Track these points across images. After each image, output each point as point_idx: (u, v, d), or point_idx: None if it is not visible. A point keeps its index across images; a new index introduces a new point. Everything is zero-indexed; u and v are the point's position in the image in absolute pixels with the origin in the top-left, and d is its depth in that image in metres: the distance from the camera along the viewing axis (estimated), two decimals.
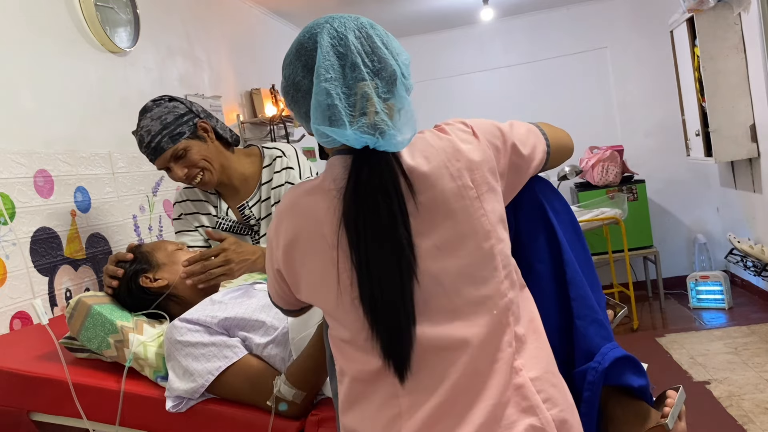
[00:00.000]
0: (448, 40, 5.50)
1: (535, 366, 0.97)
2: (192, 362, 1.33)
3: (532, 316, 1.02)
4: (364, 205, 0.90)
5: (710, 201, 5.06)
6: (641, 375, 1.10)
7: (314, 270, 0.96)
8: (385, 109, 0.91)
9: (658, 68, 5.06)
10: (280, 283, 1.05)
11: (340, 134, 0.90)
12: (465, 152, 0.98)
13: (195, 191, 1.89)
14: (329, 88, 0.90)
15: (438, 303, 0.94)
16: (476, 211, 0.96)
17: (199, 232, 1.88)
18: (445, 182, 0.95)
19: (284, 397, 1.28)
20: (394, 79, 0.93)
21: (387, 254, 0.90)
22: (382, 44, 0.95)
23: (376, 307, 0.91)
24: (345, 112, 0.90)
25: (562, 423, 0.95)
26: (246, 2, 3.91)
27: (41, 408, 1.47)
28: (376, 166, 0.91)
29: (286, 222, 0.98)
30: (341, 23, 0.95)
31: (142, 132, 1.69)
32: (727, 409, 2.78)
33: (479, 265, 0.95)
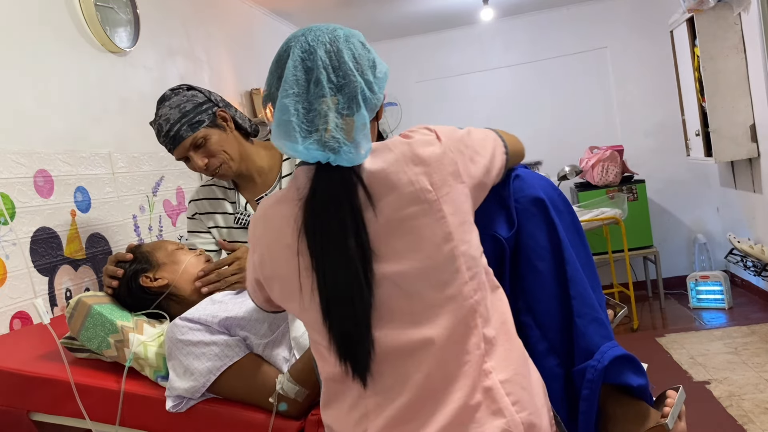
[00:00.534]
0: (448, 40, 5.50)
1: (506, 368, 0.98)
2: (193, 361, 1.33)
3: (505, 318, 1.03)
4: (319, 215, 0.95)
5: (710, 201, 5.06)
6: (641, 374, 1.10)
7: (282, 276, 1.00)
8: (342, 124, 0.94)
9: (658, 68, 5.06)
10: (261, 290, 1.11)
11: (293, 149, 0.95)
12: (424, 156, 0.99)
13: (212, 189, 1.86)
14: (288, 104, 0.95)
15: (399, 306, 0.96)
16: (435, 214, 0.97)
17: (211, 234, 1.84)
18: (404, 186, 0.97)
19: (287, 394, 1.29)
20: (355, 95, 0.95)
21: (339, 262, 0.94)
22: (352, 59, 0.97)
23: (330, 313, 0.95)
24: (299, 128, 0.94)
25: (530, 426, 0.96)
26: (246, 2, 3.91)
27: (41, 408, 1.47)
28: (331, 179, 0.95)
29: (258, 231, 1.04)
30: (315, 36, 0.98)
31: (160, 121, 1.65)
32: (727, 409, 2.78)
33: (440, 268, 0.96)
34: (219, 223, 1.84)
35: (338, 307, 0.94)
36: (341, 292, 0.94)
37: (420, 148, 1.00)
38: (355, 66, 0.97)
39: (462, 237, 0.99)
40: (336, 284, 0.94)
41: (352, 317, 0.94)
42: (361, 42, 1.01)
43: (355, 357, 0.95)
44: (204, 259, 1.59)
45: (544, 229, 1.14)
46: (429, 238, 0.96)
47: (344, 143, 0.93)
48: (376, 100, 0.99)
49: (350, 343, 0.94)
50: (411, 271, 0.96)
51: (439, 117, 5.45)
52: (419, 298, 0.96)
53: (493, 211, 1.16)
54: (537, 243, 1.14)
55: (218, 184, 1.86)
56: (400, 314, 0.96)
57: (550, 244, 1.13)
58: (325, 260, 0.94)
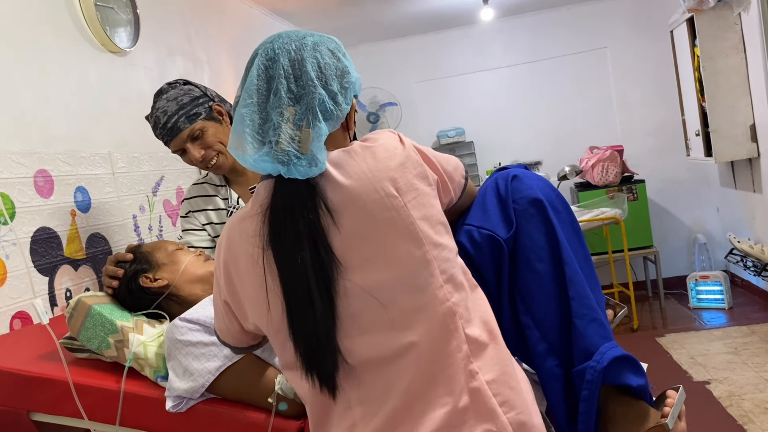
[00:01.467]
0: (448, 40, 5.50)
1: (492, 368, 0.97)
2: (192, 361, 1.33)
3: (486, 317, 1.02)
4: (277, 228, 0.93)
5: (710, 201, 5.06)
6: (640, 374, 1.10)
7: (251, 292, 0.98)
8: (298, 136, 0.92)
9: (658, 68, 5.06)
10: (228, 316, 1.08)
11: (243, 159, 0.94)
12: (387, 161, 0.97)
13: (204, 187, 1.89)
14: (245, 114, 0.94)
15: (375, 315, 0.95)
16: (404, 220, 0.95)
17: (206, 231, 1.87)
18: (369, 194, 0.95)
19: (285, 394, 1.29)
20: (312, 107, 0.93)
21: (296, 275, 0.93)
22: (315, 68, 0.95)
23: (293, 327, 0.94)
24: (252, 138, 0.93)
25: (520, 426, 0.95)
26: (246, 2, 3.91)
27: (41, 408, 1.47)
28: (287, 191, 0.93)
29: (224, 250, 1.02)
30: (282, 44, 0.97)
31: (157, 113, 1.68)
32: (727, 409, 2.78)
33: (413, 274, 0.95)
34: (213, 220, 1.86)
35: (300, 320, 0.93)
36: (301, 305, 0.93)
37: (382, 153, 0.98)
38: (318, 76, 0.95)
39: (433, 240, 0.97)
40: (296, 297, 0.93)
41: (313, 330, 0.93)
42: (330, 50, 0.99)
43: (319, 370, 0.94)
44: (204, 260, 1.59)
45: (543, 230, 1.14)
46: (399, 245, 0.95)
47: (296, 156, 0.91)
48: (339, 111, 0.97)
49: (314, 356, 0.94)
50: (384, 280, 0.94)
51: (439, 117, 5.46)
52: (395, 306, 0.95)
53: (491, 211, 1.16)
54: (536, 244, 1.14)
55: (210, 182, 1.89)
56: (376, 323, 0.95)
57: (548, 245, 1.13)
58: (285, 274, 0.93)
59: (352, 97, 1.00)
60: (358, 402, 0.95)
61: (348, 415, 0.96)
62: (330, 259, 0.93)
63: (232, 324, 1.08)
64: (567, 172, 4.69)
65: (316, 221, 0.93)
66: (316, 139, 0.93)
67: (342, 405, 0.97)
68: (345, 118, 1.00)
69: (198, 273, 1.54)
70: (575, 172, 4.70)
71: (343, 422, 0.96)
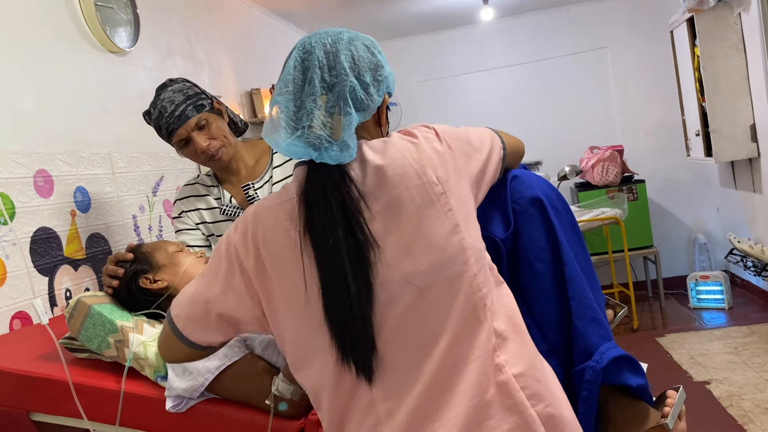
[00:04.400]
0: (448, 40, 5.50)
1: (519, 362, 0.97)
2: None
3: (511, 312, 1.02)
4: (312, 212, 0.95)
5: (710, 201, 5.06)
6: (640, 374, 1.10)
7: (287, 275, 0.97)
8: (330, 123, 0.96)
9: (658, 68, 5.06)
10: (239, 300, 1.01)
11: (276, 145, 0.97)
12: (429, 151, 1.01)
13: (196, 187, 1.89)
14: (279, 101, 0.98)
15: (409, 301, 0.95)
16: (443, 207, 0.97)
17: (200, 230, 1.87)
18: (411, 180, 0.97)
19: (283, 394, 1.28)
20: (343, 94, 0.97)
21: (332, 255, 0.93)
22: (349, 59, 0.99)
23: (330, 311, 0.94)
24: (286, 124, 0.96)
25: (548, 418, 0.95)
26: (246, 2, 3.91)
27: (41, 408, 1.47)
28: (320, 176, 0.95)
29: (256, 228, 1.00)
30: (319, 38, 1.01)
31: (163, 103, 1.69)
32: (727, 409, 2.78)
33: (451, 261, 0.96)
34: (205, 219, 1.87)
35: (336, 302, 0.93)
36: (337, 287, 0.93)
37: (424, 143, 1.02)
38: (351, 66, 0.98)
39: (468, 230, 0.99)
40: (331, 279, 0.93)
41: (350, 312, 0.93)
42: (365, 45, 1.02)
43: (356, 353, 0.93)
44: (204, 261, 1.59)
45: (543, 230, 1.14)
46: (438, 230, 0.96)
47: (327, 141, 0.95)
48: (370, 102, 0.99)
49: (351, 339, 0.93)
50: (423, 266, 0.95)
51: (439, 117, 5.45)
52: (431, 293, 0.95)
53: (489, 211, 1.16)
54: (536, 244, 1.14)
55: (201, 182, 1.90)
56: (412, 310, 0.95)
57: (549, 245, 1.13)
58: (321, 257, 0.94)
59: (384, 90, 1.03)
60: (382, 397, 0.94)
61: (371, 413, 0.95)
62: (367, 241, 0.94)
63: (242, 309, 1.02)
64: (567, 172, 4.69)
65: (349, 204, 0.94)
66: (347, 127, 0.96)
67: (365, 402, 0.95)
68: (377, 111, 1.04)
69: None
70: (575, 172, 4.69)
71: (367, 420, 0.95)
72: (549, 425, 0.94)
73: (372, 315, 0.94)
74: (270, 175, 1.84)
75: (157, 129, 1.73)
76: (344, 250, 0.93)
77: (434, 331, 0.94)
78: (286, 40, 4.58)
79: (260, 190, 1.82)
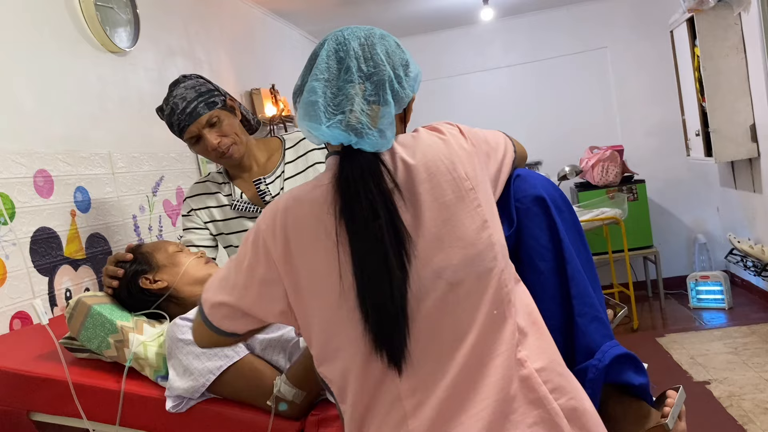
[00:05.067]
0: (448, 40, 5.50)
1: (540, 357, 0.97)
2: (193, 361, 1.33)
3: (530, 308, 1.03)
4: (350, 199, 0.94)
5: (710, 201, 5.06)
6: (642, 373, 1.10)
7: (317, 265, 0.96)
8: (368, 111, 0.95)
9: (658, 68, 5.06)
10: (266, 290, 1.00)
11: (317, 130, 0.96)
12: (457, 148, 1.02)
13: (207, 185, 1.90)
14: (317, 86, 0.96)
15: (439, 295, 0.94)
16: (472, 202, 0.98)
17: (208, 230, 1.88)
18: (441, 175, 0.98)
19: (284, 396, 1.28)
20: (383, 84, 0.97)
21: (372, 249, 0.92)
22: (384, 53, 0.99)
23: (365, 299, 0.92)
24: (325, 109, 0.95)
25: (572, 411, 0.95)
26: (246, 2, 3.91)
27: (41, 408, 1.47)
28: (357, 164, 0.95)
29: (286, 217, 0.98)
30: (352, 32, 1.00)
31: (175, 100, 1.70)
32: (727, 409, 2.78)
33: (481, 256, 0.96)
34: (215, 217, 1.87)
35: (374, 292, 0.92)
36: (376, 275, 0.91)
37: (452, 140, 1.03)
38: (387, 59, 0.99)
39: (495, 226, 1.00)
40: (371, 267, 0.92)
41: (389, 302, 0.91)
42: (396, 42, 1.03)
43: (390, 345, 0.92)
44: (204, 262, 1.59)
45: (546, 229, 1.14)
46: (468, 225, 0.97)
47: (368, 127, 0.94)
48: (404, 95, 1.00)
49: (386, 331, 0.92)
50: (454, 260, 0.95)
51: (439, 117, 5.44)
52: (461, 287, 0.95)
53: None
54: (538, 243, 1.14)
55: (213, 180, 1.90)
56: (441, 305, 0.94)
57: (551, 244, 1.13)
58: (359, 245, 0.92)
59: (413, 87, 1.03)
60: (409, 392, 0.93)
61: (397, 407, 0.94)
62: (405, 233, 0.93)
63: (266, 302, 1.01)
64: (567, 172, 4.69)
65: (389, 191, 0.94)
66: (385, 116, 0.96)
67: (391, 396, 0.94)
68: (404, 108, 1.04)
69: (198, 275, 1.54)
70: (575, 172, 4.70)
71: (392, 416, 0.94)
72: (572, 418, 0.95)
73: (407, 306, 0.93)
74: (282, 170, 1.85)
75: (169, 125, 1.74)
76: (387, 239, 0.91)
77: (463, 326, 0.94)
78: (286, 40, 4.58)
79: (272, 185, 1.83)
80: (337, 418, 1.29)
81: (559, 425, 0.93)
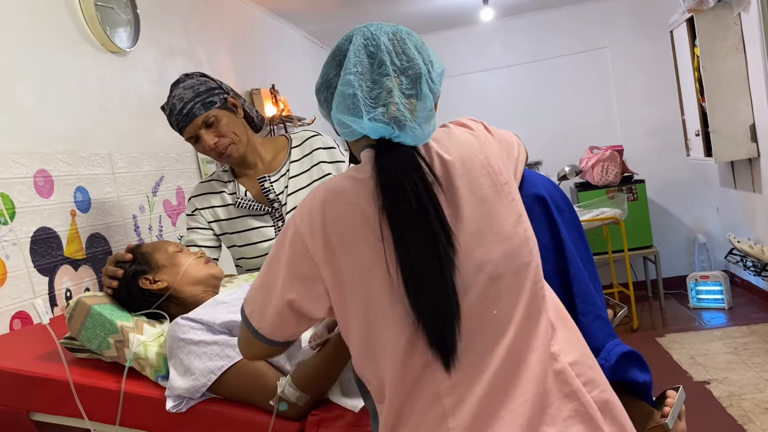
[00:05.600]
0: (448, 40, 5.50)
1: (571, 351, 0.98)
2: (194, 360, 1.33)
3: (557, 303, 1.03)
4: (394, 195, 0.91)
5: (710, 201, 5.06)
6: (646, 370, 1.11)
7: (360, 260, 0.94)
8: (406, 104, 0.94)
9: (658, 68, 5.06)
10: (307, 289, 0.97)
11: (357, 123, 0.93)
12: (488, 143, 1.03)
13: (212, 184, 1.90)
14: (352, 79, 0.94)
15: (481, 290, 0.93)
16: (507, 196, 0.98)
17: (212, 230, 1.87)
18: (477, 169, 0.98)
19: (288, 398, 1.28)
20: (419, 78, 0.96)
21: (423, 242, 0.90)
22: (415, 48, 0.98)
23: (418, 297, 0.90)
24: (364, 102, 0.93)
25: (604, 403, 0.96)
26: (246, 2, 3.91)
27: (41, 408, 1.47)
28: (398, 157, 0.93)
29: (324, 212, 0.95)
30: (378, 27, 0.99)
31: (173, 101, 1.71)
32: (727, 409, 2.78)
33: (518, 249, 0.96)
34: (219, 216, 1.87)
35: (426, 288, 0.90)
36: (429, 273, 0.90)
37: (482, 136, 1.03)
38: (418, 54, 0.98)
39: (528, 220, 1.00)
40: (424, 265, 0.90)
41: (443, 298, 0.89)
42: (421, 40, 1.02)
43: (443, 340, 0.90)
44: (204, 262, 1.59)
45: (547, 228, 1.14)
46: (506, 219, 0.97)
47: (410, 120, 0.93)
48: (436, 90, 1.00)
49: (440, 324, 0.90)
50: (495, 254, 0.94)
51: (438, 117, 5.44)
52: (501, 282, 0.94)
53: None
54: (540, 242, 1.14)
55: (218, 179, 1.91)
56: (482, 300, 0.93)
57: (552, 243, 1.13)
58: (407, 240, 0.90)
59: (440, 84, 1.02)
60: (449, 390, 0.92)
61: (437, 406, 0.92)
62: (448, 225, 0.92)
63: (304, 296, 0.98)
64: (567, 172, 4.69)
65: (431, 185, 0.93)
66: (422, 110, 0.95)
67: (430, 395, 0.92)
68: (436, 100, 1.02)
69: (198, 275, 1.54)
70: (575, 172, 4.70)
71: (431, 414, 0.92)
72: (605, 410, 0.95)
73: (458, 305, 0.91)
74: (287, 168, 1.85)
75: (170, 125, 1.75)
76: (438, 232, 0.90)
77: (503, 321, 0.94)
78: (286, 40, 4.58)
79: (276, 183, 1.83)
80: (338, 418, 1.29)
81: (594, 417, 0.93)
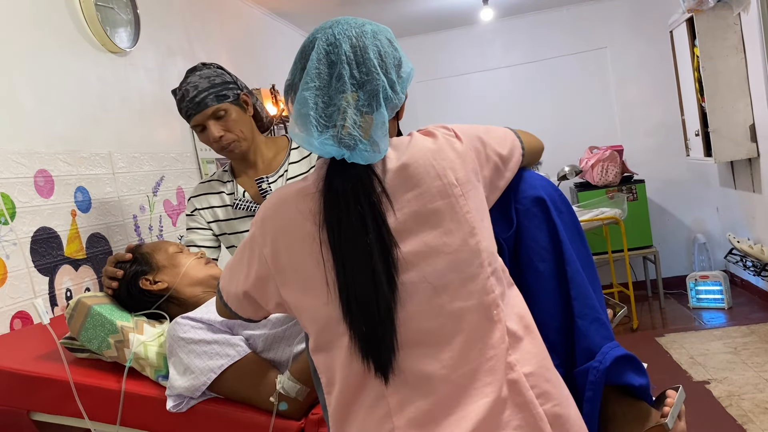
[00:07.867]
0: (447, 40, 5.50)
1: (530, 361, 0.98)
2: (194, 359, 1.33)
3: (522, 312, 1.03)
4: (337, 210, 0.94)
5: (710, 201, 5.06)
6: (642, 374, 1.11)
7: (302, 267, 0.97)
8: (361, 122, 0.94)
9: (658, 68, 5.06)
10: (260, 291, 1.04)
11: (308, 142, 0.95)
12: (449, 152, 1.01)
13: (211, 184, 1.91)
14: (308, 96, 0.95)
15: (424, 300, 0.95)
16: (461, 209, 0.98)
17: (211, 230, 1.88)
18: (432, 180, 0.97)
19: (288, 393, 1.28)
20: (376, 93, 0.95)
21: (359, 259, 0.92)
22: (377, 56, 0.97)
23: (351, 310, 0.93)
24: (316, 122, 0.94)
25: (555, 417, 0.96)
26: (246, 2, 3.91)
27: (41, 408, 1.47)
28: (347, 175, 0.94)
29: (274, 218, 1.00)
30: (342, 29, 0.98)
31: (187, 87, 1.71)
32: (727, 409, 2.78)
33: (467, 262, 0.97)
34: (219, 216, 1.87)
35: (360, 303, 0.92)
36: (363, 289, 0.92)
37: (445, 144, 1.02)
38: (380, 63, 0.96)
39: (483, 233, 1.00)
40: (357, 280, 0.92)
41: (375, 314, 0.92)
42: (388, 39, 1.01)
43: (378, 354, 0.93)
44: (205, 262, 1.59)
45: (545, 230, 1.14)
46: (456, 232, 0.96)
47: (360, 141, 0.93)
48: (397, 100, 0.99)
49: (373, 339, 0.92)
50: (440, 265, 0.95)
51: (438, 117, 5.46)
52: (446, 292, 0.95)
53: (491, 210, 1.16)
54: (538, 244, 1.14)
55: (218, 179, 1.91)
56: (426, 309, 0.95)
57: (551, 245, 1.13)
58: (345, 256, 0.93)
59: (405, 88, 1.01)
60: (394, 390, 0.94)
61: (381, 404, 0.95)
62: (392, 242, 0.93)
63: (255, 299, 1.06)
64: (567, 172, 4.69)
65: (378, 206, 0.94)
66: (378, 126, 0.95)
67: (375, 392, 0.95)
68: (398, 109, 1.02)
69: (198, 276, 1.54)
70: (575, 172, 4.69)
71: (376, 411, 0.95)
72: (556, 424, 0.96)
73: (395, 317, 0.93)
74: (285, 169, 1.86)
75: (179, 109, 1.75)
76: (375, 252, 0.92)
77: (448, 330, 0.95)
78: (286, 40, 4.58)
79: (274, 185, 1.84)
80: None
81: (543, 430, 0.94)
